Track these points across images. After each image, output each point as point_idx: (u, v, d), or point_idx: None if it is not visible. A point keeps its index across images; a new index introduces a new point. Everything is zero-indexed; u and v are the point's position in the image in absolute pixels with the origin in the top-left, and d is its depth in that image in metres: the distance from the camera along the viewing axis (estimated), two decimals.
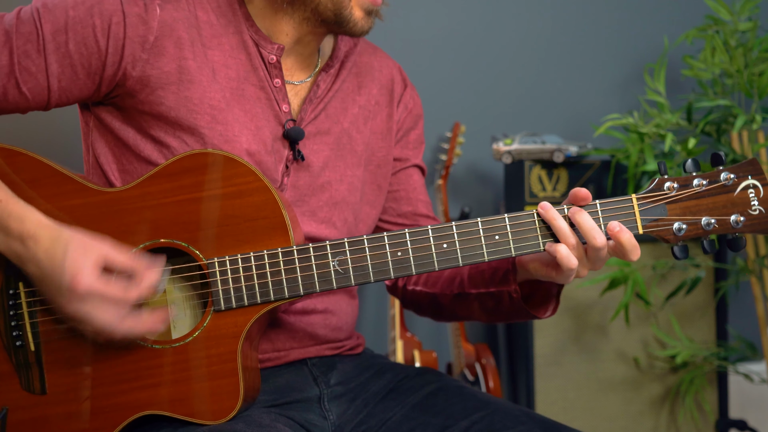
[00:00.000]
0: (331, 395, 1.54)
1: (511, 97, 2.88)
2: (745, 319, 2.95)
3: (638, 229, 1.37)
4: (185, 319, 1.43)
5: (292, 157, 1.51)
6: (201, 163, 1.38)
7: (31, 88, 1.40)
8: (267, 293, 1.37)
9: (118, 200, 1.39)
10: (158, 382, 1.37)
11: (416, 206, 1.68)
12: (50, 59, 1.39)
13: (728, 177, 1.37)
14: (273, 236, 1.37)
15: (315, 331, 1.54)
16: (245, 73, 1.48)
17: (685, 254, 1.37)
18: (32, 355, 1.39)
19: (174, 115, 1.43)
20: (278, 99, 1.50)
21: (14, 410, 1.39)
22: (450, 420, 1.47)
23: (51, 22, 1.39)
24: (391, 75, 1.67)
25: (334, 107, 1.56)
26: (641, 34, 2.97)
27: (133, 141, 1.45)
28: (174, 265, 1.40)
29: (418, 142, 1.70)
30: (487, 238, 1.38)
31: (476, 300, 1.54)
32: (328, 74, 1.56)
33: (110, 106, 1.46)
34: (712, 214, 1.36)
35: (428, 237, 1.38)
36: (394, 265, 1.38)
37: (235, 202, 1.37)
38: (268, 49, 1.49)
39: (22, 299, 1.39)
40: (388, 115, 1.64)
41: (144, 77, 1.42)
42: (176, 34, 1.43)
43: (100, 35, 1.40)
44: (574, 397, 2.57)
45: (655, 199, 1.37)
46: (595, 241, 1.34)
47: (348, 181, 1.56)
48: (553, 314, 1.49)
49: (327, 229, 1.54)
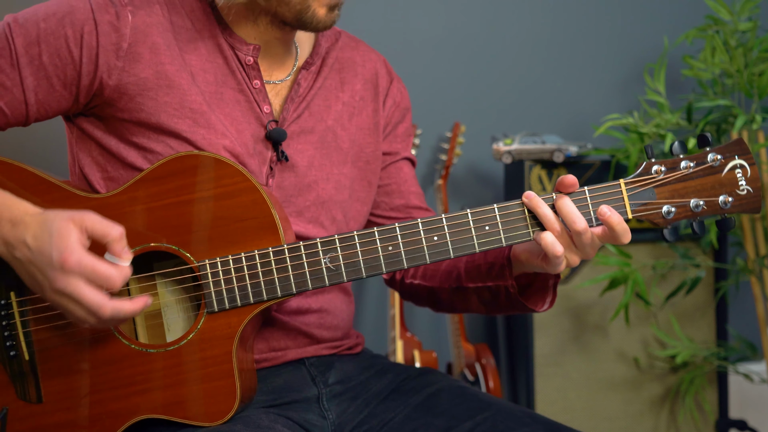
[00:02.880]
0: (330, 394, 1.53)
1: (511, 97, 2.88)
2: (745, 319, 2.95)
3: (627, 213, 1.37)
4: (179, 322, 1.43)
5: (276, 158, 1.50)
6: (187, 165, 1.37)
7: (7, 102, 1.40)
8: (260, 293, 1.37)
9: (106, 206, 1.38)
10: (154, 387, 1.37)
11: (408, 198, 1.68)
12: (25, 73, 1.39)
13: (715, 158, 1.36)
14: (263, 236, 1.37)
15: (310, 330, 1.54)
16: (223, 76, 1.47)
17: (675, 236, 1.37)
18: (26, 364, 1.39)
19: (155, 121, 1.42)
20: (258, 100, 1.49)
21: (11, 421, 1.39)
22: (453, 421, 1.47)
23: (23, 35, 1.39)
24: (375, 69, 1.65)
25: (317, 105, 1.56)
26: (641, 34, 2.97)
27: (116, 149, 1.44)
28: (165, 269, 1.40)
29: (407, 135, 1.69)
30: (477, 229, 1.37)
31: (474, 294, 1.54)
32: (309, 72, 1.55)
33: (91, 116, 1.46)
34: (701, 195, 1.36)
35: (419, 230, 1.37)
36: (385, 260, 1.37)
37: (224, 203, 1.37)
38: (243, 51, 1.49)
39: (14, 309, 1.39)
40: (374, 110, 1.63)
41: (121, 85, 1.41)
42: (150, 39, 1.42)
43: (73, 45, 1.39)
44: (574, 397, 2.57)
45: (644, 183, 1.37)
46: (575, 226, 1.34)
47: (335, 179, 1.56)
48: (550, 307, 1.49)
49: (315, 228, 1.53)
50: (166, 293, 1.42)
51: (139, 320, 1.42)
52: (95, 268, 1.27)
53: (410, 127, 1.71)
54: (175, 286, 1.42)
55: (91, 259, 1.28)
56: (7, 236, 1.32)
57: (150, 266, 1.42)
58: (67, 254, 1.27)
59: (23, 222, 1.31)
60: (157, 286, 1.41)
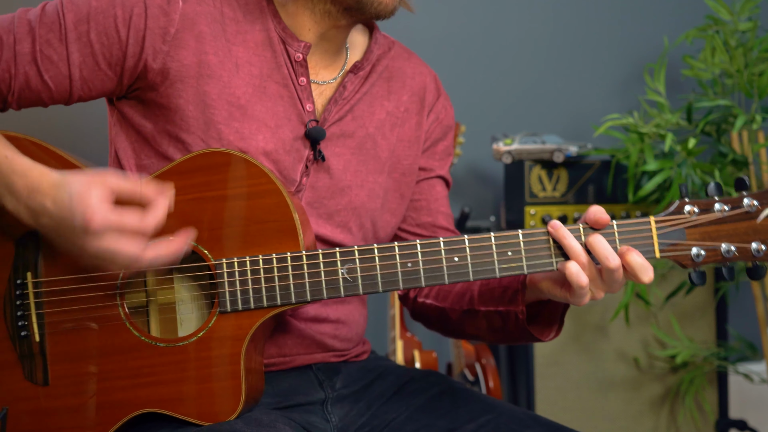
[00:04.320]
0: (335, 399, 1.53)
1: (511, 97, 2.88)
2: (745, 319, 2.95)
3: (655, 252, 1.32)
4: (192, 319, 1.43)
5: (313, 158, 1.49)
6: (214, 162, 1.37)
7: (52, 76, 1.40)
8: (274, 297, 1.36)
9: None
10: (160, 381, 1.37)
11: (436, 218, 1.65)
12: (71, 48, 1.40)
13: (751, 203, 1.32)
14: (283, 240, 1.36)
15: (324, 340, 1.53)
16: (269, 70, 1.47)
17: (703, 281, 1.32)
18: (36, 345, 1.39)
19: (192, 109, 1.42)
20: (302, 98, 1.48)
21: (16, 401, 1.39)
22: (456, 423, 1.46)
23: (74, 12, 1.40)
24: (424, 83, 1.64)
25: (361, 110, 1.54)
26: (641, 34, 2.97)
27: (151, 135, 1.45)
28: (182, 264, 1.40)
29: (446, 154, 1.67)
30: (500, 254, 1.34)
31: (485, 318, 1.51)
32: (356, 76, 1.54)
33: (133, 99, 1.46)
34: (733, 240, 1.32)
35: (440, 249, 1.35)
36: (403, 276, 1.35)
37: (246, 204, 1.36)
38: (294, 46, 1.48)
39: (29, 289, 1.39)
40: (417, 123, 1.61)
41: (164, 69, 1.41)
42: (198, 28, 1.42)
43: (121, 26, 1.40)
44: (574, 397, 2.57)
45: (674, 223, 1.33)
46: (608, 263, 1.30)
47: (369, 187, 1.54)
48: (556, 336, 1.46)
49: (342, 233, 1.52)
50: (182, 289, 1.42)
51: (153, 313, 1.42)
52: (122, 222, 1.27)
53: (450, 147, 1.68)
54: (192, 283, 1.42)
55: (117, 214, 1.27)
56: (28, 204, 1.31)
57: None
58: (89, 214, 1.26)
59: (41, 188, 1.30)
60: (174, 281, 1.41)
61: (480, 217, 2.86)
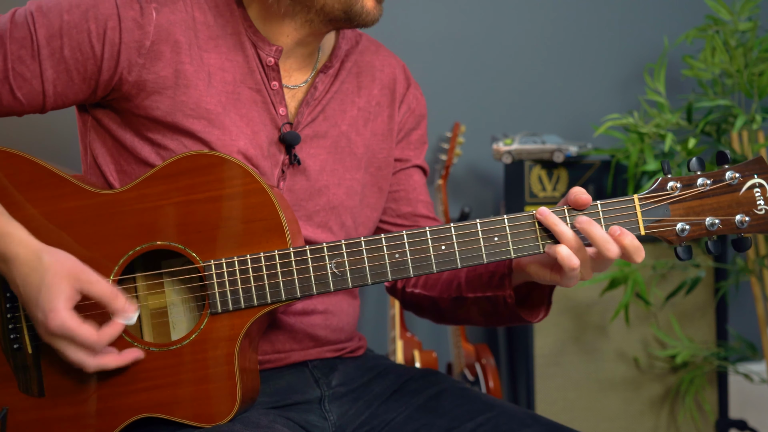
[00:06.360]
0: (332, 396, 1.53)
1: (511, 97, 2.88)
2: (745, 319, 2.95)
3: (640, 230, 1.34)
4: (184, 321, 1.43)
5: (288, 162, 1.49)
6: (198, 164, 1.37)
7: (25, 93, 1.39)
8: (264, 296, 1.36)
9: (114, 202, 1.38)
10: (155, 385, 1.37)
11: (416, 207, 1.66)
12: (45, 65, 1.38)
13: (733, 176, 1.33)
14: (270, 238, 1.36)
15: (315, 332, 1.53)
16: (242, 75, 1.46)
17: (689, 255, 1.34)
18: (30, 357, 1.39)
19: (170, 120, 1.42)
20: (275, 102, 1.48)
21: (13, 413, 1.39)
22: (455, 422, 1.47)
23: (45, 26, 1.38)
24: (394, 74, 1.64)
25: (332, 109, 1.54)
26: (641, 34, 2.97)
27: (130, 143, 1.44)
28: (171, 268, 1.40)
29: (420, 143, 1.67)
30: (486, 240, 1.35)
31: (474, 304, 1.52)
32: (326, 75, 1.54)
33: (107, 108, 1.45)
34: (717, 214, 1.33)
35: (426, 239, 1.36)
36: (391, 268, 1.36)
37: (231, 204, 1.36)
38: (266, 50, 1.47)
39: (20, 302, 1.39)
40: (389, 116, 1.61)
41: (140, 82, 1.40)
42: (173, 38, 1.41)
43: (95, 41, 1.38)
44: (574, 397, 2.57)
45: (658, 200, 1.34)
46: (609, 253, 1.31)
47: (347, 184, 1.55)
48: (544, 317, 1.47)
49: (323, 233, 1.52)
50: (173, 292, 1.42)
51: (145, 318, 1.42)
52: (76, 334, 1.30)
53: (424, 135, 1.68)
54: (182, 286, 1.42)
55: (75, 324, 1.30)
56: (3, 270, 1.33)
57: (158, 264, 1.42)
58: (51, 315, 1.29)
59: (15, 258, 1.32)
60: (165, 285, 1.41)
61: (480, 217, 2.85)
